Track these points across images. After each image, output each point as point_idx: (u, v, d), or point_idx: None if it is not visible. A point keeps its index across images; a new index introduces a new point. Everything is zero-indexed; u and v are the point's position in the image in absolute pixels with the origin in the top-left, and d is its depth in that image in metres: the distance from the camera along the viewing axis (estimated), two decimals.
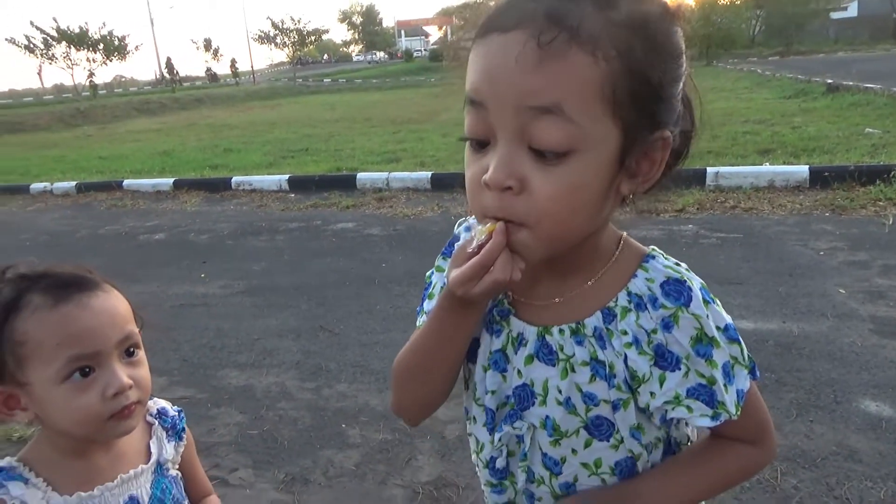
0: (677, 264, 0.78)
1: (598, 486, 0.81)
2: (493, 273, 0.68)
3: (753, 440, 0.81)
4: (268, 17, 51.26)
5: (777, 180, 5.82)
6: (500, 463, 0.85)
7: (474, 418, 0.88)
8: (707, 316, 0.74)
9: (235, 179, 7.97)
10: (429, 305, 0.89)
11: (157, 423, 1.05)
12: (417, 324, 0.90)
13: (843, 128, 8.33)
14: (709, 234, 4.72)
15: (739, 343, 0.76)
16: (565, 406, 0.79)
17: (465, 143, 0.73)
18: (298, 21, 48.96)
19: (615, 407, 0.77)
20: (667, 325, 0.74)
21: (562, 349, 0.78)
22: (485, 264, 0.68)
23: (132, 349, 0.95)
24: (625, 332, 0.75)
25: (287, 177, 7.74)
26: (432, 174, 7.13)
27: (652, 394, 0.75)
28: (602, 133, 0.64)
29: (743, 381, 0.77)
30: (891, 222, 4.63)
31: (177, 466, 1.06)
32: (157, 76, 53.73)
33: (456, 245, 0.77)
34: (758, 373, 0.80)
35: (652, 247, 0.81)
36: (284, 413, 2.77)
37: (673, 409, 0.76)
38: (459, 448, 2.42)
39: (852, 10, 47.94)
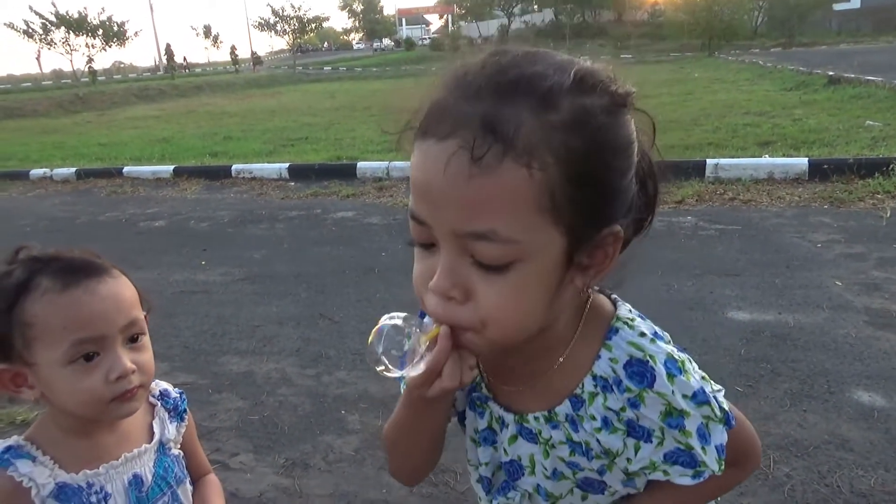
0: (641, 336, 0.76)
1: None
2: (443, 381, 0.70)
3: (735, 464, 0.82)
4: (268, 4, 50.94)
5: (776, 172, 5.84)
6: None
7: (475, 479, 0.92)
8: (673, 392, 0.73)
9: (235, 167, 7.98)
10: None
11: (159, 404, 1.08)
12: (402, 389, 0.88)
13: (843, 120, 8.34)
14: (707, 225, 4.75)
15: (709, 403, 0.76)
16: (553, 478, 0.83)
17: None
18: (299, 8, 48.71)
19: (600, 472, 0.81)
20: (634, 404, 0.75)
21: (540, 433, 0.81)
22: (433, 370, 0.69)
23: (136, 335, 0.97)
24: (593, 417, 0.77)
25: (287, 165, 7.74)
26: None
27: (629, 460, 0.78)
28: (544, 241, 0.63)
29: (719, 435, 0.77)
30: (888, 215, 4.66)
31: (178, 446, 1.09)
32: (157, 63, 53.52)
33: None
34: (733, 421, 0.79)
35: (618, 308, 0.80)
36: (285, 399, 2.80)
37: (650, 473, 0.78)
38: (457, 435, 2.45)
39: (855, 2, 47.68)
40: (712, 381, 0.79)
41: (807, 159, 5.89)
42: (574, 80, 0.62)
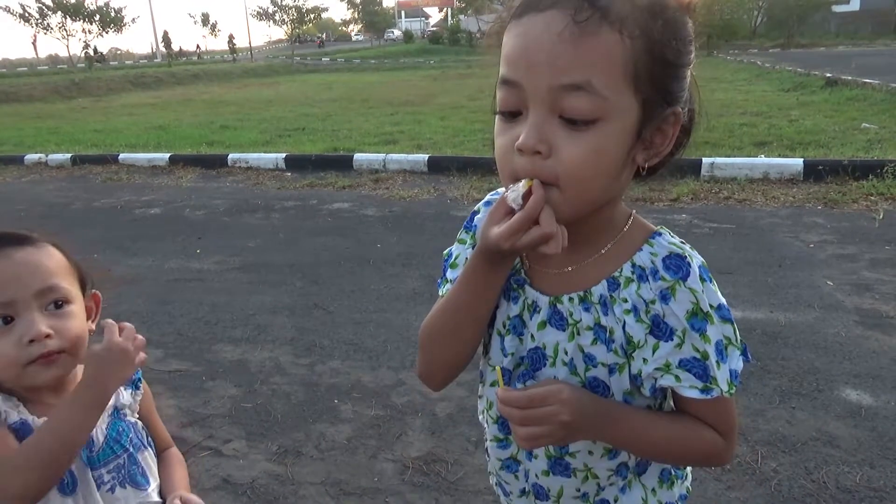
0: (682, 243, 0.84)
1: (589, 394, 0.85)
2: (542, 226, 0.73)
3: (723, 434, 0.85)
4: None
5: (771, 172, 5.86)
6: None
7: (482, 405, 0.97)
8: (702, 291, 0.79)
9: (232, 156, 7.95)
10: (452, 274, 0.95)
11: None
12: (441, 292, 0.96)
13: (839, 122, 8.37)
14: (702, 223, 4.77)
15: (732, 323, 0.81)
16: (569, 367, 0.85)
17: (495, 118, 0.79)
18: None
19: (611, 370, 0.84)
20: (664, 297, 0.80)
21: (571, 315, 0.85)
22: (531, 216, 0.72)
23: (59, 301, 0.97)
24: (625, 300, 0.81)
25: (284, 155, 7.73)
26: (429, 157, 7.14)
27: (644, 360, 0.81)
28: (625, 105, 0.72)
29: (736, 361, 0.81)
30: (881, 217, 4.69)
31: (136, 414, 1.11)
32: (154, 50, 53.19)
33: (480, 214, 0.88)
34: (749, 355, 0.84)
35: (660, 226, 0.87)
36: (278, 387, 2.81)
37: (662, 376, 0.81)
38: (450, 425, 2.47)
39: (854, 4, 47.75)
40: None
41: (802, 160, 5.92)
42: None
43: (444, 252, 1.00)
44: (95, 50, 32.85)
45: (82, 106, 17.91)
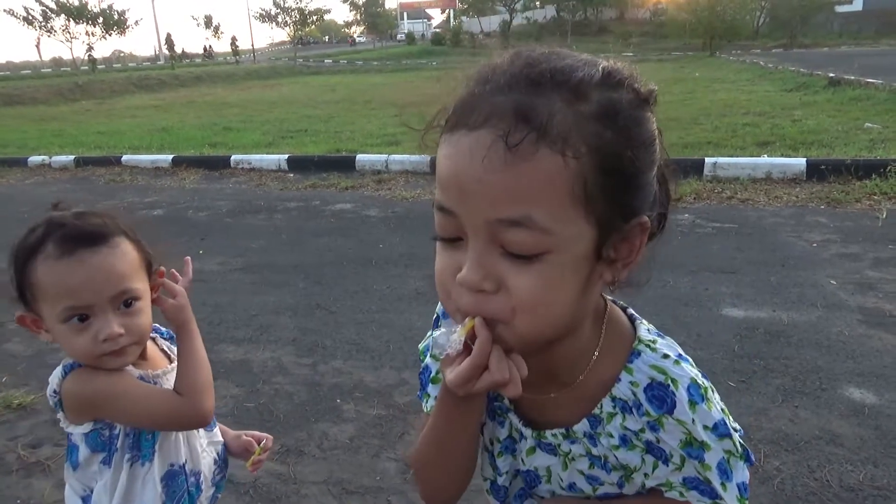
0: (665, 356, 0.76)
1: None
2: (491, 373, 0.66)
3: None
4: None
5: (774, 172, 5.86)
6: None
7: (487, 489, 0.92)
8: (693, 420, 0.72)
9: (234, 158, 7.97)
10: (434, 390, 0.89)
11: (159, 336, 1.27)
12: (424, 409, 0.91)
13: (842, 122, 8.36)
14: (705, 223, 4.76)
15: (731, 437, 0.74)
16: (570, 490, 0.83)
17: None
18: (300, 0, 48.57)
19: (619, 485, 0.81)
20: (653, 428, 0.75)
21: (559, 447, 0.82)
22: (480, 364, 0.66)
23: (130, 300, 1.06)
24: (611, 435, 0.77)
25: (286, 156, 7.74)
26: (432, 158, 7.12)
27: (646, 475, 0.78)
28: (575, 232, 0.62)
29: (741, 472, 0.76)
30: (884, 216, 4.68)
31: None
32: (157, 52, 53.29)
33: (436, 333, 0.73)
34: (752, 457, 0.78)
35: (638, 329, 0.79)
36: (280, 387, 2.82)
37: (667, 491, 0.78)
38: None
39: (857, 4, 47.65)
40: (730, 416, 0.77)
41: (805, 160, 5.91)
42: (603, 74, 0.63)
43: (420, 349, 0.94)
44: (91, 57, 32.91)
45: (86, 108, 17.97)
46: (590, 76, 0.62)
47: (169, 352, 1.25)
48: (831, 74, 13.35)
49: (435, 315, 0.91)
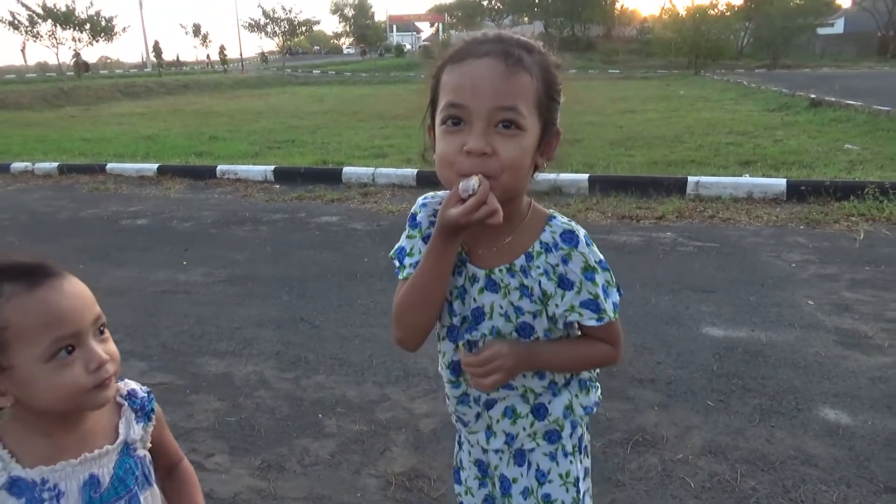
0: (569, 221, 1.17)
1: (519, 342, 1.18)
2: (489, 205, 1.00)
3: (612, 343, 1.20)
4: (259, 6, 50.84)
5: (755, 192, 5.95)
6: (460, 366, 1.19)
7: (442, 336, 1.23)
8: (588, 253, 1.14)
9: (220, 168, 7.95)
10: (409, 261, 1.20)
11: (126, 404, 1.09)
12: (401, 276, 1.20)
13: (823, 143, 8.51)
14: (686, 242, 4.83)
15: (609, 271, 1.16)
16: (504, 317, 1.17)
17: (432, 131, 1.11)
18: (290, 10, 48.67)
19: (534, 316, 1.16)
20: (565, 261, 1.14)
21: (502, 281, 1.16)
22: (482, 199, 0.99)
23: (102, 327, 1.00)
24: (538, 267, 1.14)
25: (273, 168, 7.74)
26: (418, 171, 7.17)
27: (556, 304, 1.15)
28: (533, 123, 1.05)
29: (614, 295, 1.17)
30: (861, 237, 4.77)
31: (147, 447, 1.10)
32: (144, 59, 53.01)
33: (419, 214, 1.22)
34: (621, 290, 1.18)
35: (551, 209, 1.20)
36: (262, 402, 2.81)
37: (569, 314, 1.15)
38: (433, 441, 2.48)
39: (839, 27, 48.64)
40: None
41: (785, 180, 6.01)
42: (539, 47, 1.08)
43: (392, 252, 1.25)
44: (79, 62, 32.63)
45: (70, 114, 17.82)
46: (534, 44, 1.08)
47: (123, 430, 1.07)
48: (812, 95, 13.60)
49: (411, 213, 1.25)
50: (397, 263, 1.23)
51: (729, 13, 39.97)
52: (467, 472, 1.35)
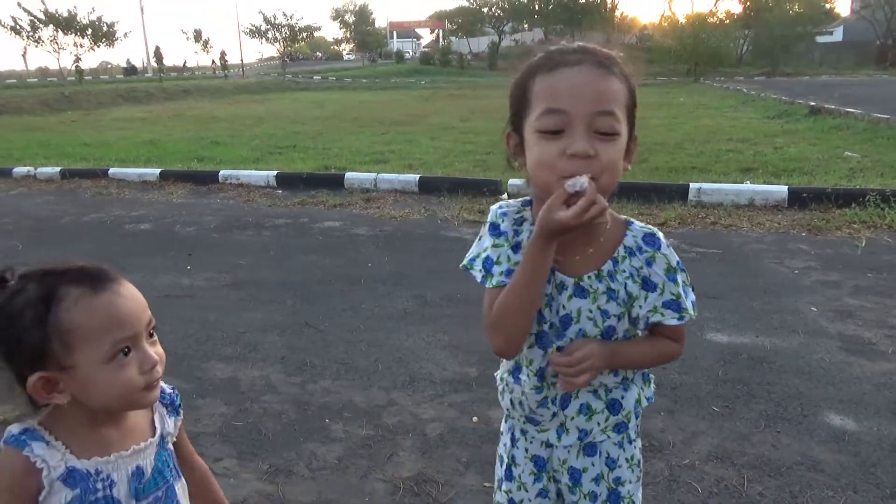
0: (645, 226, 1.23)
1: (604, 342, 1.22)
2: (598, 204, 1.04)
3: (678, 340, 1.27)
4: (260, 11, 50.93)
5: (757, 199, 5.97)
6: (547, 371, 1.25)
7: (531, 344, 1.25)
8: (669, 255, 1.20)
9: (223, 173, 7.97)
10: (498, 269, 1.21)
11: (157, 401, 1.13)
12: (490, 285, 1.21)
13: (823, 150, 8.54)
14: (688, 248, 4.84)
15: (685, 272, 1.22)
16: (592, 322, 1.21)
17: (510, 139, 1.20)
18: (290, 17, 48.77)
19: (619, 318, 1.22)
20: (649, 263, 1.20)
21: (591, 287, 1.20)
22: (592, 199, 1.04)
23: (152, 330, 1.06)
24: (624, 271, 1.20)
25: (275, 173, 7.75)
26: (420, 177, 7.20)
27: (640, 306, 1.21)
28: (624, 128, 1.09)
29: (692, 294, 1.23)
30: (863, 244, 4.78)
31: (174, 441, 1.16)
32: (145, 65, 53.10)
33: (502, 224, 1.23)
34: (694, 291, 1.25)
35: (625, 216, 1.24)
36: (269, 406, 2.82)
37: (652, 315, 1.21)
38: (440, 446, 2.49)
39: (837, 35, 48.82)
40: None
41: (787, 187, 6.03)
42: (619, 56, 1.13)
43: (467, 262, 1.27)
44: (78, 68, 32.69)
45: (72, 119, 17.87)
46: (615, 54, 1.13)
47: (159, 423, 1.14)
48: (812, 103, 13.64)
49: (490, 222, 1.25)
50: (478, 273, 1.24)
51: (728, 21, 40.16)
52: (521, 467, 1.38)
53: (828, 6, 48.92)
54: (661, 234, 1.21)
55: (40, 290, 0.98)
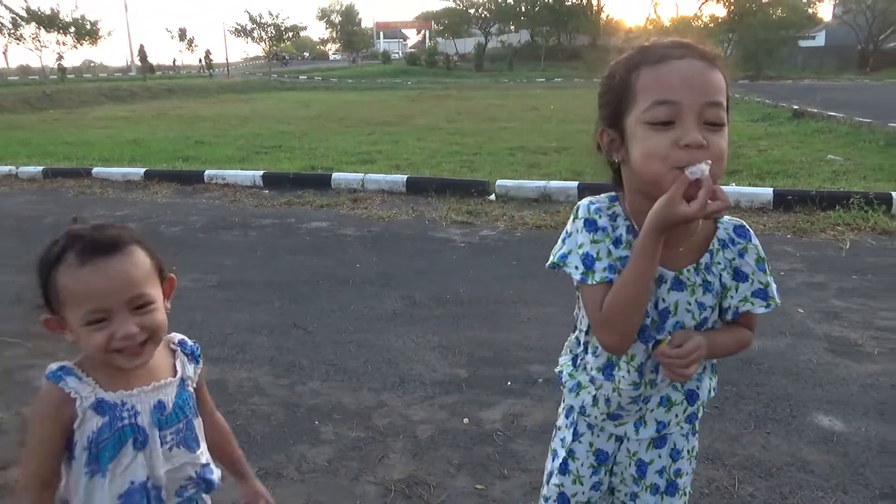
0: (733, 218, 1.28)
1: (704, 333, 1.25)
2: (724, 201, 1.08)
3: (752, 329, 1.32)
4: (245, 11, 50.63)
5: (742, 201, 6.01)
6: (649, 364, 1.28)
7: (635, 340, 1.24)
8: (758, 245, 1.26)
9: (208, 173, 7.90)
10: (600, 265, 1.21)
11: (179, 349, 1.31)
12: (592, 282, 1.20)
13: (806, 153, 8.63)
14: None
15: (767, 260, 1.28)
16: (690, 314, 1.24)
17: (605, 134, 1.20)
18: (276, 16, 48.54)
19: (712, 310, 1.26)
20: (741, 254, 1.25)
21: (689, 280, 1.23)
22: (711, 189, 1.06)
23: (144, 304, 1.15)
24: (719, 263, 1.24)
25: (261, 173, 7.70)
26: (408, 178, 7.17)
27: (731, 296, 1.25)
28: (727, 118, 1.12)
29: (774, 283, 1.28)
30: (847, 246, 4.83)
31: (195, 385, 1.31)
32: (128, 63, 52.57)
33: (599, 219, 1.22)
34: None
35: None
36: (257, 408, 2.78)
37: (742, 305, 1.25)
38: (431, 448, 2.47)
39: (820, 40, 49.43)
40: None
41: (772, 189, 6.08)
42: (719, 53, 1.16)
43: (557, 259, 1.25)
44: (60, 66, 32.27)
45: (54, 118, 17.64)
46: (717, 51, 1.16)
47: (180, 367, 1.27)
48: (795, 107, 13.82)
49: (584, 219, 1.24)
50: (575, 271, 1.22)
51: (713, 24, 40.47)
52: (581, 461, 1.41)
53: (810, 11, 49.55)
54: (747, 226, 1.27)
55: (60, 248, 1.12)
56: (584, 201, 1.27)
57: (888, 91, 22.46)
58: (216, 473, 1.33)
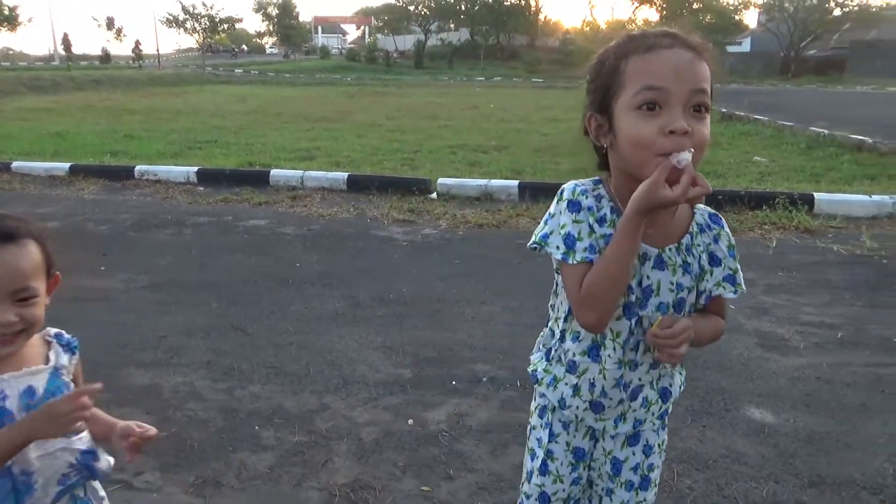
0: (706, 206, 1.34)
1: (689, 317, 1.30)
2: (704, 185, 1.11)
3: (724, 316, 1.37)
4: (178, 0, 48.99)
5: None
6: (631, 342, 1.30)
7: (618, 315, 1.28)
8: (730, 233, 1.32)
9: (139, 168, 7.59)
10: (581, 245, 1.23)
11: (54, 341, 1.32)
12: (573, 261, 1.23)
13: (734, 154, 8.98)
14: None
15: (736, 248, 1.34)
16: (670, 292, 1.28)
17: (593, 120, 1.25)
18: (210, 7, 47.18)
19: (689, 291, 1.30)
20: (716, 239, 1.31)
21: (670, 259, 1.27)
22: (692, 175, 1.10)
23: (27, 297, 1.17)
24: (698, 245, 1.30)
25: (196, 169, 7.45)
26: (349, 175, 7.08)
27: (707, 280, 1.31)
28: (710, 104, 1.16)
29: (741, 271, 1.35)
30: (774, 245, 5.05)
31: (71, 376, 1.30)
32: (51, 52, 50.02)
33: (584, 200, 1.25)
34: None
35: None
36: (194, 414, 2.68)
37: (716, 289, 1.31)
38: (376, 451, 2.44)
39: (746, 46, 51.63)
40: None
41: None
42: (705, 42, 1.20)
43: (539, 239, 1.28)
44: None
45: None
46: (703, 42, 1.19)
47: (53, 357, 1.28)
48: (723, 110, 14.37)
49: (568, 200, 1.27)
50: (556, 251, 1.25)
51: (646, 28, 41.55)
52: (559, 460, 1.44)
53: (737, 18, 51.61)
54: (720, 215, 1.34)
55: None
56: (570, 184, 1.29)
57: (808, 96, 23.66)
58: (104, 462, 1.31)
